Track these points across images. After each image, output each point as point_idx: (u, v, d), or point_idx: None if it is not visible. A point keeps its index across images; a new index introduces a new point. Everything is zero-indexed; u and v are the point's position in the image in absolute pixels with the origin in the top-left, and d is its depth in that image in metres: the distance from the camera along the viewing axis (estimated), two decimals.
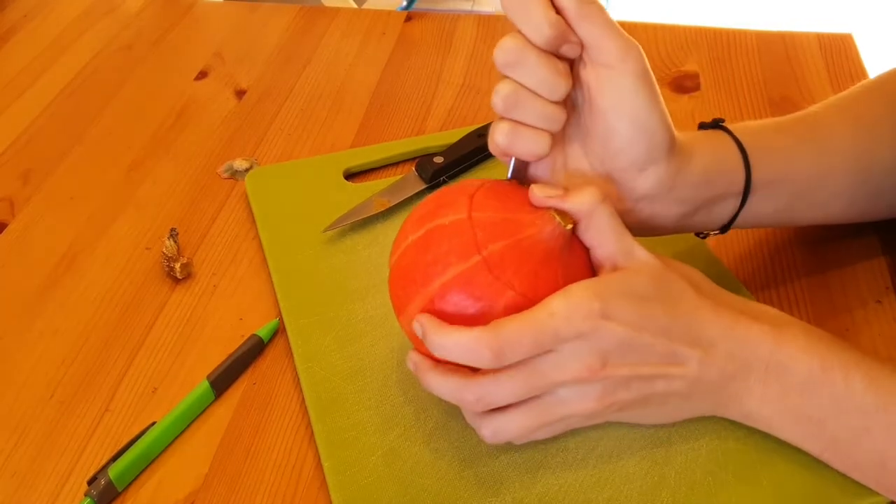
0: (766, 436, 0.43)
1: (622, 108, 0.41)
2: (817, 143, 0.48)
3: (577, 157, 0.44)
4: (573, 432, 0.44)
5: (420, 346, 0.40)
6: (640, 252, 0.40)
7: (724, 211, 0.47)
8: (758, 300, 0.52)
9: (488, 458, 0.44)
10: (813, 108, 0.51)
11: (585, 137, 0.43)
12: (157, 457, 0.46)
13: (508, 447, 0.44)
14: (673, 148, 0.42)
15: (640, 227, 0.44)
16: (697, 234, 0.51)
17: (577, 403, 0.39)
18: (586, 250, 0.41)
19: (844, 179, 0.49)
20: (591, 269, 0.41)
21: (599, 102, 0.41)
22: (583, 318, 0.37)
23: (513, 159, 0.43)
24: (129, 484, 0.45)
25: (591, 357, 0.38)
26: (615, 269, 0.40)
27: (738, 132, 0.46)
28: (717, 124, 0.47)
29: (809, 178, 0.48)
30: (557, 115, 0.40)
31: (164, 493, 0.44)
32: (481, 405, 0.39)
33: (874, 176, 0.49)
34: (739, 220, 0.47)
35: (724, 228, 0.48)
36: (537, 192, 0.40)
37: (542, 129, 0.40)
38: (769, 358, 0.40)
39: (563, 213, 0.39)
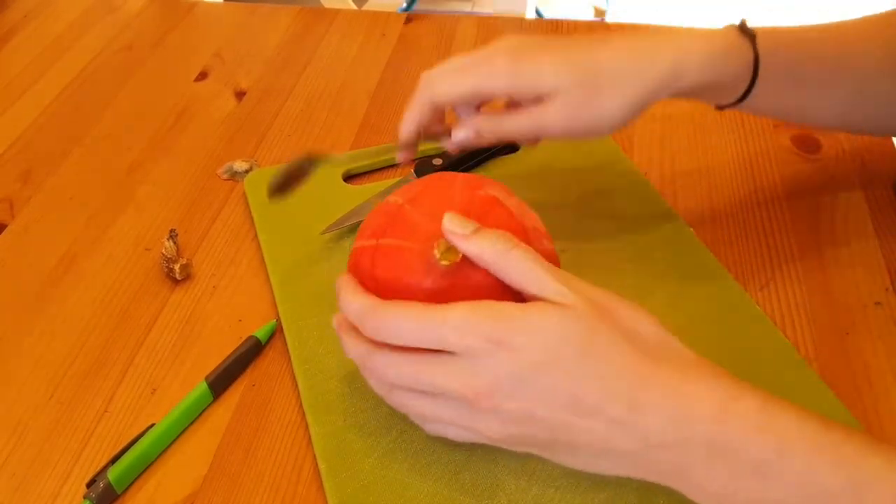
0: None
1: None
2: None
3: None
4: None
5: None
6: (565, 292, 0.36)
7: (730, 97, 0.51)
8: (758, 301, 0.52)
9: (484, 462, 0.44)
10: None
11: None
12: (156, 458, 0.46)
13: (505, 449, 0.44)
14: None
15: None
16: (718, 107, 0.53)
17: (469, 420, 0.38)
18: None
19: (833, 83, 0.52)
20: (503, 291, 0.39)
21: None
22: (475, 338, 0.35)
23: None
24: (129, 486, 0.45)
25: (478, 378, 0.36)
26: (543, 300, 0.37)
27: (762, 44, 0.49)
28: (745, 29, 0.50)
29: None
30: None
31: (164, 494, 0.44)
32: (376, 375, 0.39)
33: (856, 70, 0.52)
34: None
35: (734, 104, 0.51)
36: (447, 224, 0.39)
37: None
38: (713, 437, 0.34)
39: (449, 249, 0.38)
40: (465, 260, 0.38)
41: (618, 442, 0.35)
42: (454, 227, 0.38)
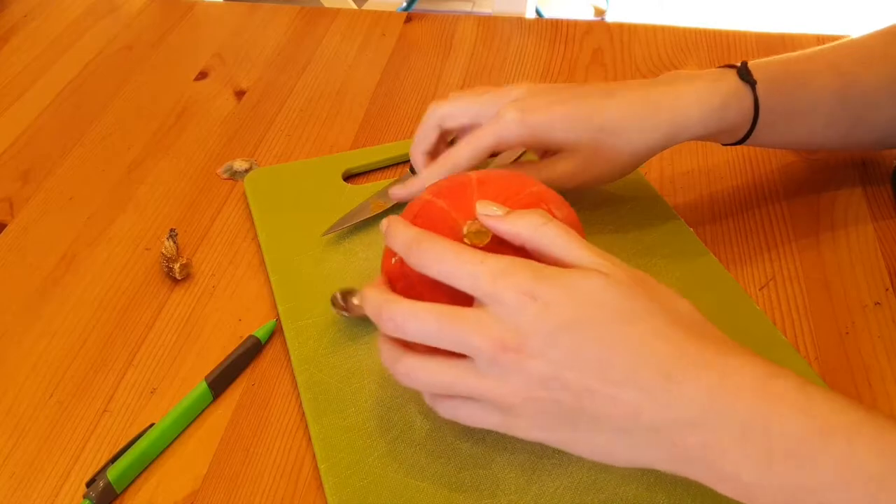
0: None
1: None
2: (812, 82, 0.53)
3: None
4: None
5: None
6: (608, 265, 0.36)
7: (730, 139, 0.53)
8: (758, 301, 0.52)
9: (484, 461, 0.44)
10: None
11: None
12: (156, 458, 0.46)
13: (504, 448, 0.44)
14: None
15: None
16: (723, 144, 0.55)
17: (491, 383, 0.36)
18: None
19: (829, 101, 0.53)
20: None
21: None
22: (507, 286, 0.35)
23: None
24: (128, 486, 0.45)
25: (507, 332, 0.35)
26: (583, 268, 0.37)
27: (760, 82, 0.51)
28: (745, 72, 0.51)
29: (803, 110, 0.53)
30: None
31: (163, 494, 0.44)
32: (392, 327, 0.37)
33: (855, 100, 0.53)
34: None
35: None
36: (479, 209, 0.39)
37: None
38: (749, 415, 0.33)
39: (479, 232, 0.39)
40: (495, 243, 0.39)
41: (647, 414, 0.34)
42: (488, 210, 0.39)
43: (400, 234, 0.39)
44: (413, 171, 0.61)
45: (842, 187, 0.61)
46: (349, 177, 0.64)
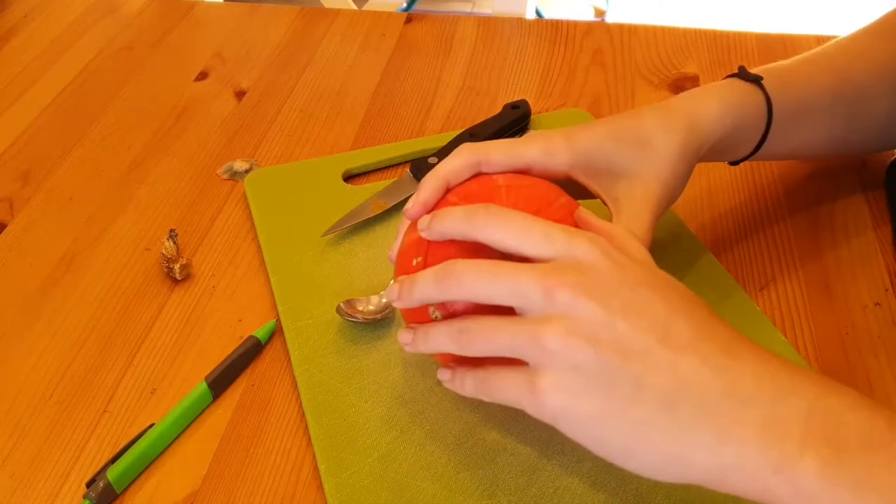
0: None
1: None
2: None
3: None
4: None
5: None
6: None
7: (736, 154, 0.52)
8: (758, 301, 0.52)
9: (484, 462, 0.44)
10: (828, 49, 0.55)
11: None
12: (156, 458, 0.46)
13: (504, 449, 0.44)
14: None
15: None
16: (732, 163, 0.53)
17: (534, 324, 0.33)
18: None
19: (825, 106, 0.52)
20: None
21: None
22: (583, 243, 0.35)
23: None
24: (128, 486, 0.45)
25: (570, 274, 0.33)
26: None
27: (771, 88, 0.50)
28: (756, 80, 0.50)
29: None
30: None
31: (163, 494, 0.44)
32: (453, 282, 0.35)
33: (849, 96, 0.53)
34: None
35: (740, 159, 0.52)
36: (582, 215, 0.40)
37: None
38: (814, 400, 0.30)
39: None
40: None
41: (704, 385, 0.31)
42: (590, 218, 0.40)
43: (451, 212, 0.38)
44: (413, 173, 0.61)
45: (841, 188, 0.61)
46: (349, 177, 0.64)
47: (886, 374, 0.48)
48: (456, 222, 0.38)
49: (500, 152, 0.43)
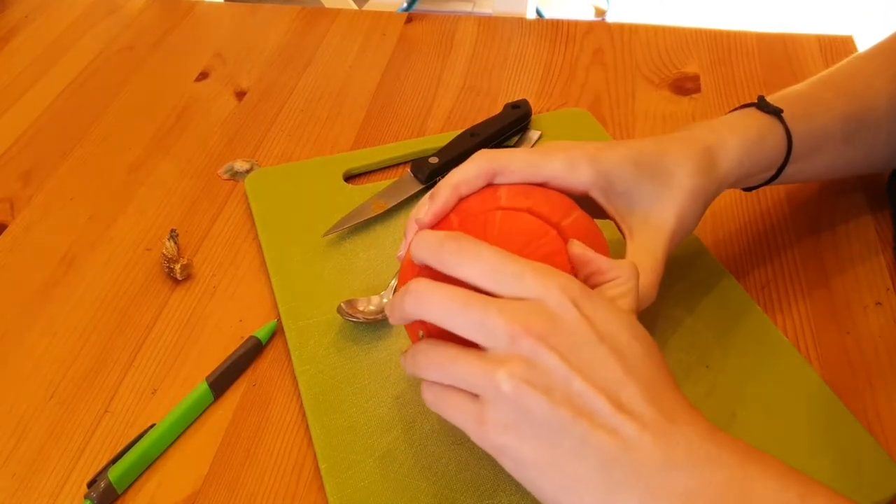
0: (761, 437, 0.42)
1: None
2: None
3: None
4: None
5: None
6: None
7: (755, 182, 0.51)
8: (758, 301, 0.52)
9: (485, 462, 0.44)
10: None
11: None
12: (157, 459, 0.46)
13: None
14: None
15: None
16: (746, 189, 0.53)
17: (492, 362, 0.33)
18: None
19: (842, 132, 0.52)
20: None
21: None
22: (555, 286, 0.34)
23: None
24: (129, 486, 0.45)
25: (537, 320, 0.33)
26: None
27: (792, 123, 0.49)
28: (777, 112, 0.50)
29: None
30: None
31: (164, 494, 0.44)
32: (414, 300, 0.35)
33: (863, 119, 0.52)
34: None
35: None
36: (576, 249, 0.38)
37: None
38: (733, 470, 0.33)
39: None
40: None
41: (642, 451, 0.32)
42: (584, 252, 0.39)
43: (425, 239, 0.37)
44: (413, 173, 0.61)
45: (842, 187, 0.61)
46: (350, 177, 0.64)
47: (887, 374, 0.48)
48: (428, 254, 0.37)
49: (518, 163, 0.42)
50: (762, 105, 0.50)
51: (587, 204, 0.44)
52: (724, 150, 0.47)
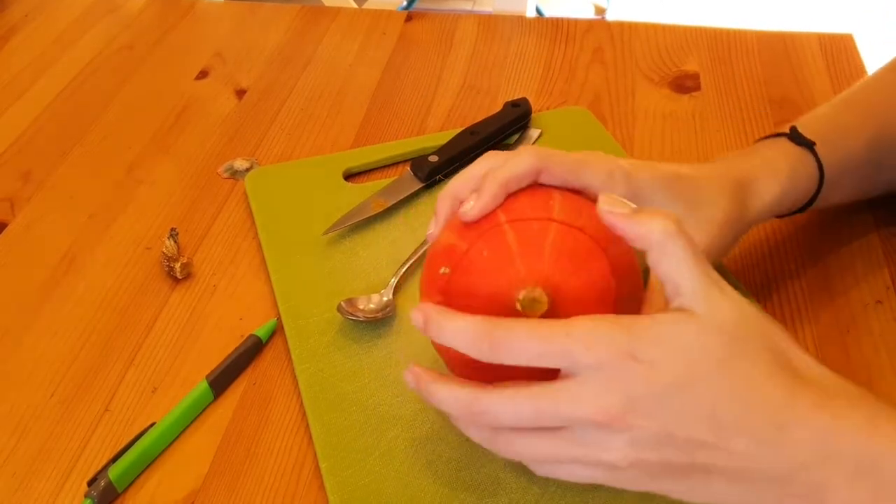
0: None
1: None
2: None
3: None
4: None
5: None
6: (716, 297, 0.34)
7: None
8: (758, 300, 0.52)
9: (485, 460, 0.44)
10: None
11: None
12: (157, 457, 0.46)
13: None
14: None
15: None
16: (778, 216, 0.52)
17: (596, 449, 0.34)
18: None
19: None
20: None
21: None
22: (605, 350, 0.32)
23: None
24: (129, 485, 0.45)
25: (611, 397, 0.32)
26: (678, 310, 0.34)
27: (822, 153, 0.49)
28: (810, 146, 0.50)
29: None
30: None
31: (164, 493, 0.44)
32: (489, 419, 0.35)
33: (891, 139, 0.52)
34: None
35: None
36: (603, 204, 0.36)
37: None
38: (860, 454, 0.33)
39: (535, 301, 0.36)
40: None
41: (763, 464, 0.33)
42: (613, 206, 0.36)
43: (462, 327, 0.34)
44: (413, 171, 0.61)
45: None
46: (350, 176, 0.64)
47: (888, 373, 0.48)
48: (463, 343, 0.35)
49: (562, 167, 0.41)
50: (795, 137, 0.50)
51: None
52: (759, 191, 0.47)
